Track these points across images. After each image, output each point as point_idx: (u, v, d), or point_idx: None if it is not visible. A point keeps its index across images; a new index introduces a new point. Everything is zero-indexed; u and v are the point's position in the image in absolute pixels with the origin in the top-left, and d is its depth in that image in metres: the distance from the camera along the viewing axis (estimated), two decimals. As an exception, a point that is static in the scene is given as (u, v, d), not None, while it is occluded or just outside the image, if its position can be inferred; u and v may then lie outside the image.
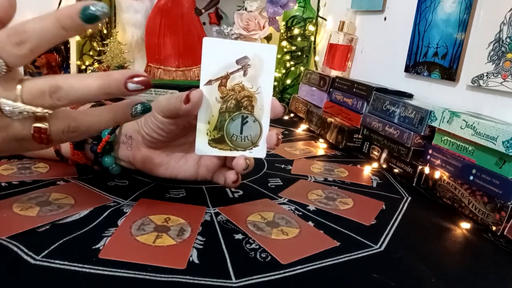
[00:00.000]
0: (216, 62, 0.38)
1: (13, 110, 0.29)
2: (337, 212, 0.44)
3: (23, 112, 0.29)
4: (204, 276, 0.30)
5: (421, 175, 0.55)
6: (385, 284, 0.32)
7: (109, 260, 0.31)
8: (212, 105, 0.39)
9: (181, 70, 1.02)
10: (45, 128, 0.31)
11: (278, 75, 1.08)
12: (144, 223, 0.37)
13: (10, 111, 0.29)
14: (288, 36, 1.06)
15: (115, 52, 0.98)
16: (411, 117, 0.58)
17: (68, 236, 0.33)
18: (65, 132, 0.32)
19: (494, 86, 0.55)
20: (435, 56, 0.67)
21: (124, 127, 0.43)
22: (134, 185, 0.46)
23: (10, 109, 0.29)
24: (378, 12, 0.86)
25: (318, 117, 0.81)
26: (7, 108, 0.29)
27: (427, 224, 0.45)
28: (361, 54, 0.92)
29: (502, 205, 0.42)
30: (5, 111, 0.29)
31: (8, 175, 0.44)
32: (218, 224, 0.39)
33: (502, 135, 0.43)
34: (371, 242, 0.38)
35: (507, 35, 0.54)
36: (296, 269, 0.32)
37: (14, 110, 0.29)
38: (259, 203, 0.45)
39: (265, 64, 0.39)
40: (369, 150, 0.67)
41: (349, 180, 0.56)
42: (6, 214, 0.35)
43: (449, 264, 0.37)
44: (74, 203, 0.39)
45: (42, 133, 0.31)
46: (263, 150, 0.41)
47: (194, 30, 1.01)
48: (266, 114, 0.40)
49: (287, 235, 0.38)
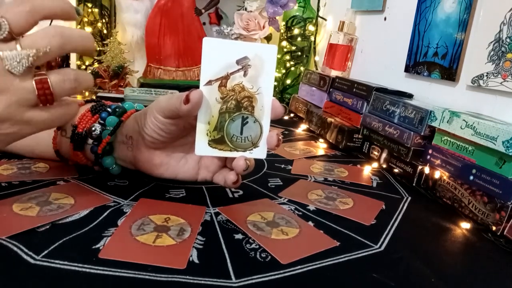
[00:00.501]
0: (216, 62, 0.38)
1: (14, 59, 0.30)
2: (337, 212, 0.44)
3: (23, 60, 0.31)
4: (204, 276, 0.30)
5: (421, 175, 0.55)
6: (385, 284, 0.32)
7: (109, 260, 0.31)
8: (212, 105, 0.39)
9: (181, 70, 1.02)
10: (45, 78, 0.32)
11: (278, 75, 1.08)
12: (144, 223, 0.37)
13: (11, 62, 0.30)
14: (288, 36, 1.06)
15: (115, 52, 0.98)
16: (411, 117, 0.58)
17: (68, 236, 0.33)
18: (67, 81, 0.33)
19: (494, 86, 0.55)
20: (435, 56, 0.67)
21: (124, 127, 0.43)
22: (134, 185, 0.46)
23: (11, 61, 0.30)
24: (378, 12, 0.86)
25: (318, 117, 0.81)
26: (8, 57, 0.30)
27: (427, 224, 0.45)
28: (361, 54, 0.92)
29: (502, 205, 0.42)
30: (7, 61, 0.30)
31: (8, 175, 0.44)
32: (218, 224, 0.39)
33: (502, 135, 0.43)
34: (371, 242, 0.38)
35: (507, 35, 0.54)
36: (296, 269, 0.32)
37: (15, 59, 0.30)
38: (259, 203, 0.45)
39: (265, 64, 0.39)
40: (369, 150, 0.67)
41: (349, 180, 0.56)
42: (6, 214, 0.35)
43: (449, 264, 0.37)
44: (74, 203, 0.39)
45: (44, 83, 0.32)
46: (263, 151, 0.41)
47: (194, 30, 1.01)
48: (267, 114, 0.40)
49: (287, 235, 0.38)
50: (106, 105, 0.45)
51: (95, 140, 0.43)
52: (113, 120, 0.43)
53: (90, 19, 0.99)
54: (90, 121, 0.43)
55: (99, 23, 1.00)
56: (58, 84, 0.33)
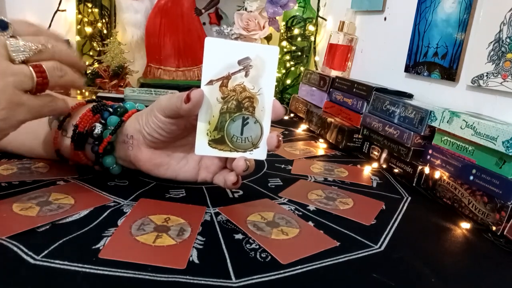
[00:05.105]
0: (217, 62, 0.38)
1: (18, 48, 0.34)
2: (337, 212, 0.44)
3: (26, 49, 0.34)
4: (204, 276, 0.30)
5: (421, 175, 0.55)
6: (385, 284, 0.32)
7: (109, 260, 0.31)
8: (213, 105, 0.39)
9: (181, 70, 1.02)
10: (40, 64, 0.35)
11: (278, 75, 1.08)
12: (144, 223, 0.37)
13: (14, 48, 0.34)
14: (288, 36, 1.07)
15: (115, 52, 0.98)
16: (411, 117, 0.58)
17: (68, 236, 0.33)
18: (56, 69, 0.36)
19: (494, 86, 0.55)
20: (435, 56, 0.67)
21: (125, 127, 0.43)
22: (134, 185, 0.46)
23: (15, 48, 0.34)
24: (378, 12, 0.86)
25: (318, 117, 0.81)
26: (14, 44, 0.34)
27: (427, 224, 0.45)
28: (361, 54, 0.92)
29: (502, 205, 0.42)
30: (11, 46, 0.34)
31: (8, 175, 0.44)
32: (218, 224, 0.39)
33: (502, 135, 0.43)
34: (371, 242, 0.38)
35: (507, 35, 0.54)
36: (296, 269, 0.32)
37: (20, 48, 0.34)
38: (259, 203, 0.45)
39: (267, 65, 0.39)
40: (369, 150, 0.67)
41: (349, 180, 0.56)
42: (6, 214, 0.35)
43: (449, 264, 0.37)
44: (74, 203, 0.39)
45: (40, 68, 0.35)
46: (263, 152, 0.41)
47: (194, 30, 1.01)
48: (267, 115, 0.40)
49: (287, 235, 0.38)
50: (107, 105, 0.45)
51: (96, 139, 0.43)
52: (114, 119, 0.43)
53: (90, 19, 0.99)
54: (91, 120, 0.44)
55: (99, 23, 1.00)
56: (51, 72, 0.36)
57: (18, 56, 0.34)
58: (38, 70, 0.35)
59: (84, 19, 0.99)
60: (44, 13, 0.96)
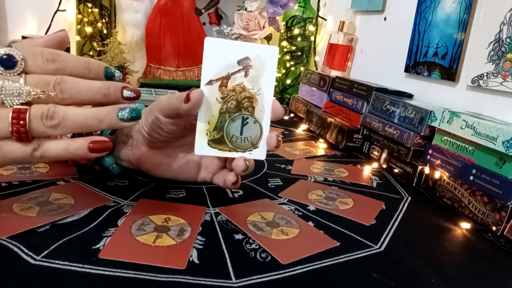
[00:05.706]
0: (217, 62, 0.38)
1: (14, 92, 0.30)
2: (337, 212, 0.44)
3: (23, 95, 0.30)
4: (204, 276, 0.30)
5: (421, 175, 0.55)
6: (385, 284, 0.32)
7: (109, 260, 0.31)
8: (213, 105, 0.39)
9: (181, 70, 1.02)
10: (24, 109, 0.30)
11: (278, 75, 1.08)
12: (144, 223, 0.37)
13: (7, 91, 0.30)
14: (288, 36, 1.06)
15: (115, 52, 0.98)
16: (411, 117, 0.58)
17: (68, 236, 0.33)
18: (44, 117, 0.30)
19: (494, 86, 0.55)
20: (435, 56, 0.67)
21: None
22: (134, 185, 0.46)
23: (9, 92, 0.30)
24: (378, 12, 0.86)
25: (318, 117, 0.81)
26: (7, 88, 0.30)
27: (427, 224, 0.45)
28: (361, 54, 0.92)
29: (502, 205, 0.42)
30: (5, 91, 0.30)
31: (8, 175, 0.44)
32: (218, 224, 0.39)
33: (502, 135, 0.43)
34: (371, 242, 0.38)
35: (507, 35, 0.54)
36: (296, 269, 0.32)
37: (15, 92, 0.30)
38: (259, 203, 0.45)
39: (266, 65, 0.39)
40: (369, 150, 0.67)
41: (349, 180, 0.56)
42: (6, 214, 0.35)
43: (449, 264, 0.37)
44: (74, 203, 0.39)
45: (22, 113, 0.30)
46: (263, 152, 0.41)
47: (194, 30, 1.01)
48: (267, 115, 0.40)
49: (287, 235, 0.38)
50: None
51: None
52: None
53: (90, 19, 0.99)
54: None
55: (99, 23, 1.00)
56: (36, 121, 0.30)
57: (8, 100, 0.30)
58: (17, 116, 0.30)
59: (84, 19, 0.99)
60: (44, 13, 0.95)
